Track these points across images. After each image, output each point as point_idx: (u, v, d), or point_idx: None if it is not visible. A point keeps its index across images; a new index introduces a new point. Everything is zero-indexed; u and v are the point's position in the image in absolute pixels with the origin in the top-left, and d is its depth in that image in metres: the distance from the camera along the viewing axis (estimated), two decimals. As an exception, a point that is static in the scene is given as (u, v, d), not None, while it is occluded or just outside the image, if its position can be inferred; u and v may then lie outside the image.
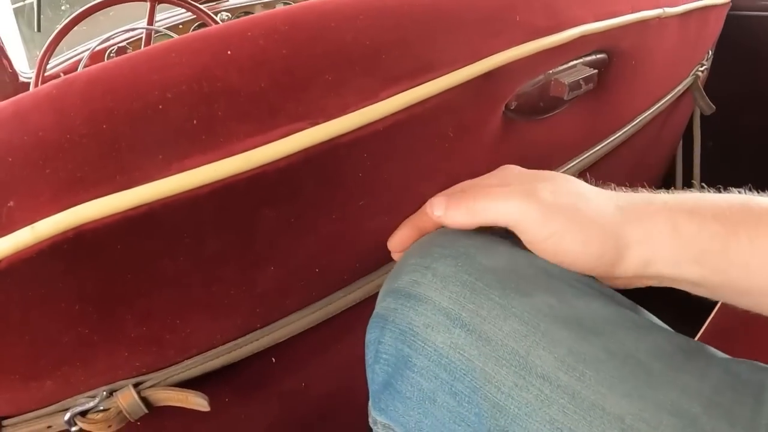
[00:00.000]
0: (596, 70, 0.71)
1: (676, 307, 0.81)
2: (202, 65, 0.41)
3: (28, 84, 1.94)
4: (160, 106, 0.40)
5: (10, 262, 0.39)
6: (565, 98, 0.68)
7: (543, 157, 0.78)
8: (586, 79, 0.69)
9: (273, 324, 0.57)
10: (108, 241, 0.42)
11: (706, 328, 0.95)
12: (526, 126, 0.69)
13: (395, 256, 0.57)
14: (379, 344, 0.49)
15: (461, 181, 0.53)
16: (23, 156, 0.40)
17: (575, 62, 0.71)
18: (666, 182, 1.43)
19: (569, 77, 0.68)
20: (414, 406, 0.46)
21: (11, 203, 0.39)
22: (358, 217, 0.52)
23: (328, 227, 0.53)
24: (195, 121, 0.40)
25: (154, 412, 0.52)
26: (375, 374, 0.50)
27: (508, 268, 0.45)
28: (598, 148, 0.89)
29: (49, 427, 0.53)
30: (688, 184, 1.35)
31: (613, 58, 0.75)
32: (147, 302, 0.49)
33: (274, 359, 0.63)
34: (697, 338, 0.92)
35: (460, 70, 0.49)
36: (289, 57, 0.43)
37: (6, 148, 0.40)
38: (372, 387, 0.51)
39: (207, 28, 0.44)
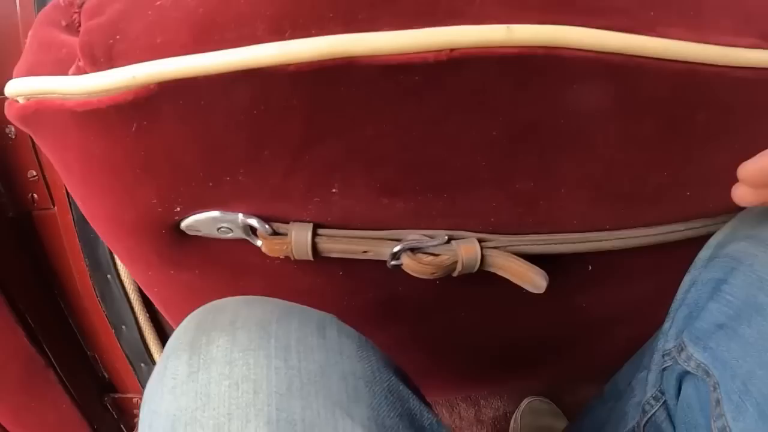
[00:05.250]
0: None
1: None
2: None
3: None
4: None
5: (467, 54, 0.33)
6: None
7: None
8: None
9: (620, 231, 0.52)
10: (569, 76, 0.36)
11: None
12: None
13: (740, 190, 0.48)
14: (724, 284, 0.47)
15: None
16: None
17: None
18: None
19: None
20: (753, 354, 0.43)
21: None
22: (747, 157, 0.45)
23: (726, 156, 0.46)
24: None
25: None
26: (707, 313, 0.48)
27: None
28: None
29: (366, 251, 0.47)
30: None
31: None
32: (556, 157, 0.42)
33: (590, 267, 0.57)
34: None
35: None
36: None
37: None
38: (696, 324, 0.50)
39: None
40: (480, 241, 0.47)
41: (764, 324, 0.43)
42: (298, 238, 0.45)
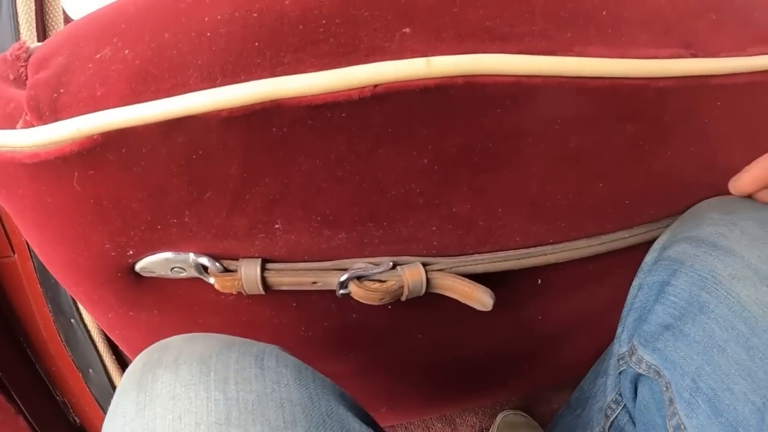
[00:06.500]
0: None
1: None
2: None
3: None
4: None
5: (389, 88, 0.35)
6: None
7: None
8: None
9: (563, 244, 0.53)
10: (491, 102, 0.38)
11: None
12: None
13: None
14: (667, 286, 0.49)
15: None
16: None
17: None
18: None
19: None
20: (700, 351, 0.45)
21: (407, 30, 0.35)
22: (683, 162, 0.50)
23: (661, 163, 0.49)
24: (605, 13, 0.39)
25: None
26: (654, 315, 0.50)
27: None
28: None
29: (314, 282, 0.48)
30: None
31: None
32: (489, 178, 0.43)
33: (540, 280, 0.58)
34: None
35: None
36: None
37: None
38: (644, 327, 0.51)
39: None
40: (424, 264, 0.48)
41: (708, 322, 0.45)
42: (248, 274, 0.46)
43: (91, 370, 0.80)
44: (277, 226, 0.43)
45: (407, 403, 0.83)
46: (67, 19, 0.69)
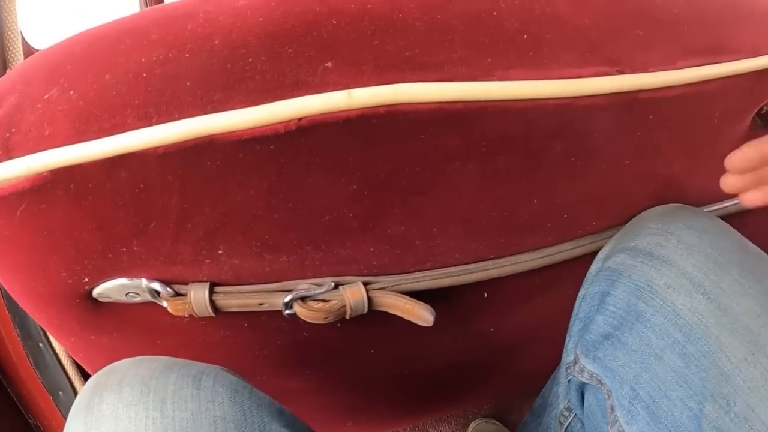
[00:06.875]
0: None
1: None
2: None
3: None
4: (495, 13, 0.40)
5: (313, 121, 0.37)
6: None
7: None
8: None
9: (505, 258, 0.55)
10: (413, 129, 0.40)
11: None
12: (754, 134, 0.61)
13: (728, 179, 0.50)
14: (607, 296, 0.50)
15: (707, 169, 0.54)
16: (349, 22, 0.38)
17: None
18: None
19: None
20: (637, 360, 0.46)
21: (329, 64, 0.37)
22: (619, 175, 0.51)
23: (596, 177, 0.50)
24: (525, 36, 0.40)
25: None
26: (595, 325, 0.51)
27: (743, 251, 0.47)
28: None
29: (261, 304, 0.50)
30: None
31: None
32: (420, 201, 0.45)
33: (486, 294, 0.60)
34: None
35: (743, 60, 0.48)
36: (608, 3, 0.44)
37: (330, 11, 0.38)
38: (586, 337, 0.53)
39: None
40: (366, 283, 0.50)
41: (644, 330, 0.46)
42: (197, 298, 0.48)
43: (61, 393, 0.81)
44: (220, 252, 0.45)
45: (372, 416, 0.85)
46: (25, 44, 0.71)
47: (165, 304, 0.49)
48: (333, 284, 0.49)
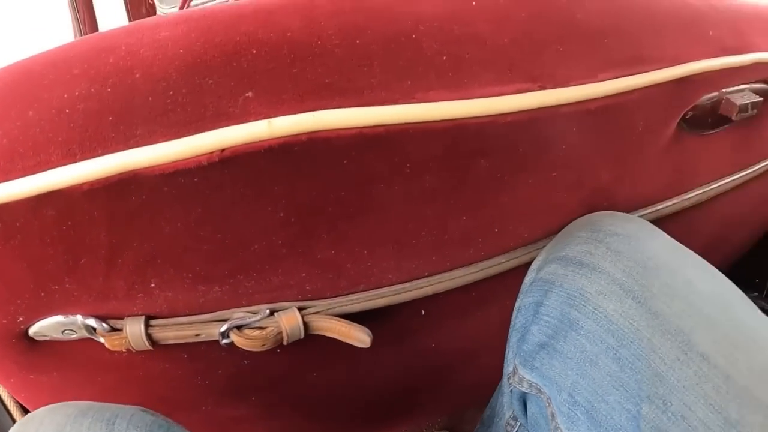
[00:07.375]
0: (761, 98, 0.67)
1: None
2: (452, 9, 0.42)
3: None
4: (413, 36, 0.40)
5: (236, 152, 0.38)
6: (734, 118, 0.65)
7: (685, 176, 0.73)
8: (753, 105, 0.65)
9: (439, 275, 0.56)
10: (336, 154, 0.41)
11: None
12: (687, 139, 0.66)
13: None
14: (541, 306, 0.51)
15: (635, 176, 0.57)
16: (268, 51, 0.38)
17: (744, 87, 0.67)
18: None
19: (739, 99, 0.64)
20: (573, 367, 0.47)
21: (249, 94, 0.38)
22: (548, 186, 0.53)
23: (524, 190, 0.52)
24: (445, 57, 0.41)
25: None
26: (530, 335, 0.52)
27: (672, 253, 0.48)
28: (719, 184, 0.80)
29: (197, 335, 0.50)
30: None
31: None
32: (347, 225, 0.46)
33: (423, 311, 0.61)
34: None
35: (664, 69, 0.49)
36: (528, 21, 0.44)
37: (249, 40, 0.38)
38: (523, 347, 0.54)
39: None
40: (301, 308, 0.51)
41: (578, 338, 0.47)
42: (133, 332, 0.48)
43: (5, 436, 0.80)
44: (152, 285, 0.46)
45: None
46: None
47: (102, 339, 0.49)
48: (268, 311, 0.50)
